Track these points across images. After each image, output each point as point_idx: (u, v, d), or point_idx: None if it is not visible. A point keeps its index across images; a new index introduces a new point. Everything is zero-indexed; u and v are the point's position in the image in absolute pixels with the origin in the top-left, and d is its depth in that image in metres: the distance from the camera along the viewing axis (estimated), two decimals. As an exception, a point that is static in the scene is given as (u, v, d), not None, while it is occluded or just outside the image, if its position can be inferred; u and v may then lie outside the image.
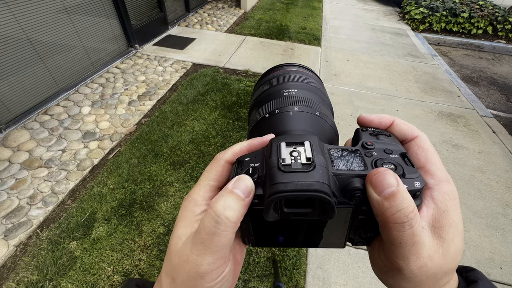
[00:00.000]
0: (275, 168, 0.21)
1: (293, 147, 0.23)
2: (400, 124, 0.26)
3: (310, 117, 0.30)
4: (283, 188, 0.19)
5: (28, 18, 2.17)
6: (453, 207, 0.21)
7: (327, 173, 0.20)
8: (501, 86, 3.87)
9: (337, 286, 1.47)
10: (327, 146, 0.24)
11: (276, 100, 0.33)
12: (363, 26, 5.49)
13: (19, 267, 1.45)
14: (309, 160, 0.21)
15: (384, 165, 0.21)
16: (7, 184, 1.78)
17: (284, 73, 0.38)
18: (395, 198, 0.19)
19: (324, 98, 0.36)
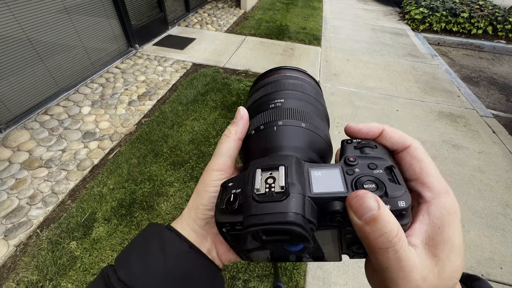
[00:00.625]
0: (250, 198, 0.21)
1: (269, 173, 0.23)
2: (390, 132, 0.25)
3: (295, 131, 0.29)
4: (256, 221, 0.19)
5: (28, 18, 2.17)
6: (450, 222, 0.20)
7: (302, 200, 0.20)
8: (501, 86, 3.87)
9: (337, 286, 1.47)
10: (308, 165, 0.24)
11: (261, 114, 0.32)
12: (363, 26, 5.49)
13: (19, 267, 1.45)
14: (282, 188, 0.21)
15: (365, 185, 0.20)
16: (7, 184, 1.78)
17: (275, 80, 0.37)
18: (376, 222, 0.18)
19: (318, 105, 0.35)
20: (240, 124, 0.30)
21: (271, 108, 0.32)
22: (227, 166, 0.29)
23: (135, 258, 0.25)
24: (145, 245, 0.27)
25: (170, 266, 0.25)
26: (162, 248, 0.26)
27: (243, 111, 0.31)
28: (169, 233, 0.27)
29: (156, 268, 0.24)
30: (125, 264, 0.25)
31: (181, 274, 0.25)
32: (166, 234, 0.27)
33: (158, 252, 0.25)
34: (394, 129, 0.25)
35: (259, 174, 0.23)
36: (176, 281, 0.25)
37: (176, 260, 0.25)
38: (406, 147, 0.24)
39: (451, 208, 0.21)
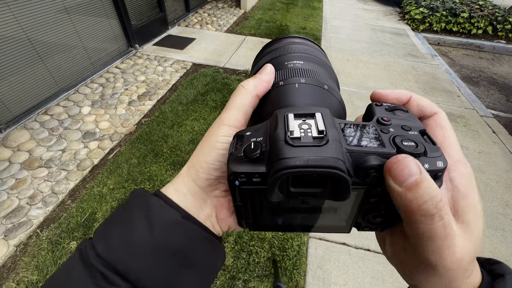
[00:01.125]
0: (282, 142, 0.18)
1: (302, 119, 0.20)
2: (418, 100, 0.24)
3: (318, 90, 0.27)
4: (292, 163, 0.17)
5: (28, 18, 2.17)
6: (472, 189, 0.20)
7: (341, 148, 0.18)
8: (501, 86, 3.87)
9: (337, 286, 1.47)
10: (338, 121, 0.22)
11: (279, 72, 0.29)
12: (363, 26, 5.49)
13: (19, 267, 1.45)
14: (321, 133, 0.19)
15: (404, 142, 0.19)
16: (7, 184, 1.78)
17: (287, 44, 0.34)
18: (419, 188, 0.17)
19: (331, 71, 0.33)
20: (263, 80, 0.27)
21: (289, 68, 0.29)
22: (240, 123, 0.25)
23: (116, 230, 0.22)
24: (127, 216, 0.23)
25: (158, 239, 0.21)
26: (149, 219, 0.22)
27: (270, 68, 0.28)
28: (157, 200, 0.24)
29: (141, 241, 0.21)
30: (104, 237, 0.22)
31: (171, 248, 0.22)
32: (152, 201, 0.23)
33: (142, 223, 0.22)
34: (422, 97, 0.25)
35: (292, 118, 0.20)
36: (166, 256, 0.22)
37: (165, 232, 0.22)
38: (432, 114, 0.24)
39: (469, 177, 0.21)
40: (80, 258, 0.21)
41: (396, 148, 0.19)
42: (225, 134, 0.24)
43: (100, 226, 0.23)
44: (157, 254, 0.21)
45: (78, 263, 0.21)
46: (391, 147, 0.19)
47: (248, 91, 0.26)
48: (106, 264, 0.20)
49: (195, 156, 0.25)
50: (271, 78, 0.27)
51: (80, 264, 0.21)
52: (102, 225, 0.23)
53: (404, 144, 0.19)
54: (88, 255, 0.21)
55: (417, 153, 0.18)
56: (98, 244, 0.21)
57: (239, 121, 0.25)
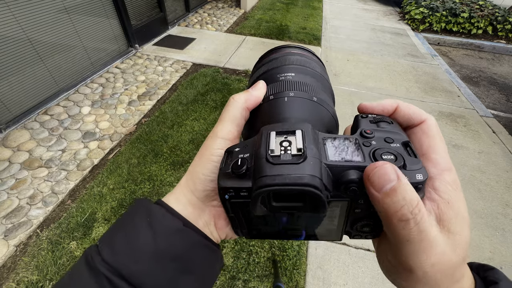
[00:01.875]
0: (263, 159, 0.20)
1: (284, 137, 0.21)
2: (405, 109, 0.24)
3: (306, 103, 0.28)
4: (270, 182, 0.18)
5: (28, 18, 2.17)
6: (457, 197, 0.20)
7: (319, 164, 0.19)
8: (501, 86, 3.87)
9: (337, 286, 1.47)
10: (322, 135, 0.23)
11: (271, 85, 0.30)
12: (363, 26, 5.49)
13: (19, 267, 1.45)
14: (299, 151, 0.20)
15: (384, 156, 0.20)
16: (7, 184, 1.78)
17: (283, 55, 0.35)
18: (396, 194, 0.17)
19: (325, 83, 0.34)
20: (253, 95, 0.28)
21: (281, 80, 0.30)
22: (233, 136, 0.27)
23: (121, 237, 0.23)
24: (131, 223, 0.24)
25: (161, 246, 0.23)
26: (151, 226, 0.23)
27: (262, 84, 0.29)
28: (159, 208, 0.25)
29: (144, 247, 0.22)
30: (109, 244, 0.23)
31: (173, 254, 0.23)
32: (155, 210, 0.25)
33: (146, 230, 0.23)
34: (408, 105, 0.24)
35: (274, 137, 0.21)
36: (168, 262, 0.23)
37: (167, 239, 0.23)
38: (420, 122, 0.24)
39: (455, 183, 0.21)
40: (86, 264, 0.22)
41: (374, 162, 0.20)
42: (219, 147, 0.26)
43: (105, 233, 0.24)
44: (159, 260, 0.22)
45: (84, 268, 0.22)
46: (370, 161, 0.20)
47: (238, 103, 0.27)
48: (112, 269, 0.21)
49: (192, 168, 0.27)
50: (261, 92, 0.28)
51: (86, 269, 0.22)
52: (107, 232, 0.24)
53: (383, 158, 0.20)
54: (94, 261, 0.22)
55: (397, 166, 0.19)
56: (104, 250, 0.22)
57: (232, 133, 0.27)
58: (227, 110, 0.27)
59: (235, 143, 0.27)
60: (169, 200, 0.26)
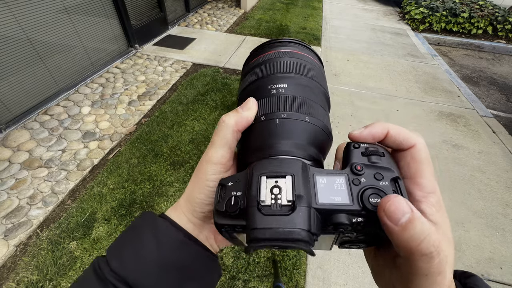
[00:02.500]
0: (255, 208, 0.21)
1: (274, 181, 0.22)
2: (395, 134, 0.24)
3: (298, 125, 0.27)
4: (262, 236, 0.20)
5: (28, 18, 2.17)
6: (442, 218, 0.21)
7: (308, 213, 0.20)
8: (501, 86, 3.87)
9: (337, 286, 1.47)
10: (314, 171, 0.23)
11: (262, 101, 0.29)
12: (363, 26, 5.49)
13: (19, 267, 1.45)
14: (289, 201, 0.21)
15: (371, 199, 0.21)
16: (7, 184, 1.78)
17: (274, 58, 0.33)
18: (414, 226, 0.18)
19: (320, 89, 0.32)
20: (244, 117, 0.27)
21: (272, 95, 0.29)
22: (226, 159, 0.27)
23: (128, 247, 0.25)
24: (137, 235, 0.26)
25: (165, 256, 0.24)
26: (156, 237, 0.25)
27: (253, 104, 0.28)
28: (163, 221, 0.27)
29: (150, 257, 0.24)
30: (117, 254, 0.24)
31: (176, 264, 0.25)
32: (159, 222, 0.26)
33: (151, 241, 0.25)
34: (399, 130, 0.24)
35: (264, 182, 0.22)
36: (172, 271, 0.24)
37: (171, 249, 0.25)
38: (409, 147, 0.24)
39: (439, 205, 0.22)
40: (94, 273, 0.23)
41: (362, 206, 0.21)
42: (213, 172, 0.27)
43: (112, 244, 0.26)
44: (164, 269, 0.24)
45: (92, 277, 0.23)
46: (357, 204, 0.21)
47: (229, 127, 0.27)
48: (120, 278, 0.23)
49: (189, 191, 0.28)
50: (252, 113, 0.28)
51: (94, 278, 0.23)
52: (115, 243, 0.26)
53: (370, 201, 0.21)
54: (103, 271, 0.23)
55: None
56: (112, 261, 0.24)
57: (225, 157, 0.27)
58: (218, 134, 0.27)
59: (229, 164, 0.28)
60: (171, 216, 0.28)
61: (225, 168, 0.28)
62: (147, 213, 0.28)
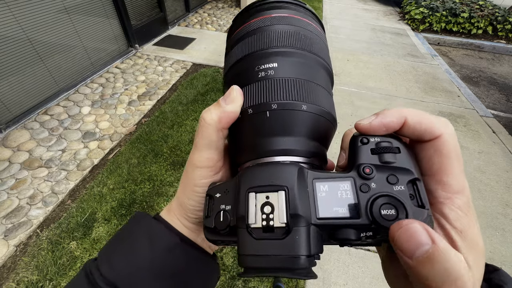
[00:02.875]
0: (244, 231, 0.18)
1: (265, 196, 0.19)
2: (415, 124, 0.19)
3: (294, 117, 0.23)
4: (253, 265, 0.18)
5: (28, 18, 2.17)
6: (470, 223, 0.18)
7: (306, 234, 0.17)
8: (501, 86, 3.87)
9: (337, 286, 1.47)
10: (313, 176, 0.19)
11: (248, 87, 0.24)
12: (363, 26, 5.49)
13: (19, 267, 1.45)
14: (283, 223, 0.18)
15: (383, 211, 0.17)
16: (7, 184, 1.78)
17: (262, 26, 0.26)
18: (435, 263, 0.14)
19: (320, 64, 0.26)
20: (227, 111, 0.23)
21: (260, 79, 0.24)
22: (214, 162, 0.24)
23: (120, 252, 0.24)
24: (131, 238, 0.24)
25: (159, 260, 0.23)
26: (150, 241, 0.24)
27: (237, 94, 0.23)
28: (158, 224, 0.25)
29: (143, 262, 0.22)
30: (109, 259, 0.23)
31: (171, 269, 0.23)
32: (154, 225, 0.25)
33: (145, 245, 0.23)
34: (420, 117, 0.19)
35: (253, 200, 0.19)
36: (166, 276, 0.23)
37: (165, 253, 0.23)
38: (432, 139, 0.19)
39: (467, 207, 0.18)
40: (85, 277, 0.23)
41: (372, 219, 0.17)
42: (200, 177, 0.24)
43: (104, 247, 0.25)
44: (158, 274, 0.23)
45: (84, 282, 0.23)
46: (366, 218, 0.17)
47: (212, 127, 0.23)
48: (110, 284, 0.22)
49: (180, 195, 0.26)
50: (237, 105, 0.23)
51: (85, 283, 0.22)
52: (106, 246, 0.25)
53: (382, 213, 0.17)
54: (94, 276, 0.22)
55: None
56: (103, 266, 0.23)
57: (212, 160, 0.24)
58: (201, 135, 0.24)
59: (218, 167, 0.25)
60: (165, 219, 0.27)
61: (214, 170, 0.25)
62: (140, 214, 0.27)
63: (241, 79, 0.25)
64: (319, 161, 0.24)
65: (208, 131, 0.23)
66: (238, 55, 0.27)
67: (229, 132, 0.25)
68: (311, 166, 0.23)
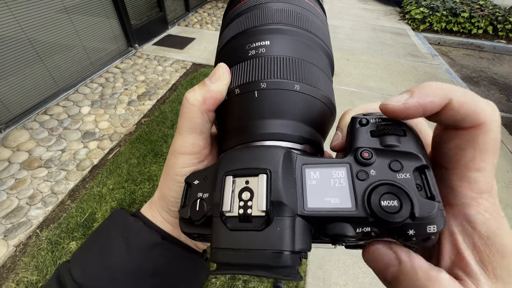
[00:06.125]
0: (218, 219, 0.16)
1: (244, 181, 0.17)
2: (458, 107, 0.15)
3: (285, 96, 0.20)
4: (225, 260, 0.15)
5: (28, 18, 2.17)
6: (498, 227, 0.15)
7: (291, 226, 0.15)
8: (502, 86, 3.87)
9: (337, 286, 1.47)
10: (302, 162, 0.17)
11: (236, 67, 0.22)
12: (363, 26, 5.48)
13: (18, 267, 1.45)
14: (262, 211, 0.15)
15: (383, 201, 0.14)
16: (6, 184, 1.78)
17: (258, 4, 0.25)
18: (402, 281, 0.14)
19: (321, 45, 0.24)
20: (212, 90, 0.21)
21: (250, 57, 0.22)
22: (199, 148, 0.22)
23: (94, 254, 0.22)
24: (106, 238, 0.22)
25: (138, 261, 0.21)
26: (127, 240, 0.21)
27: (223, 72, 0.21)
28: (135, 221, 0.23)
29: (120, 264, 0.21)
30: (82, 262, 0.21)
31: (152, 270, 0.22)
32: (131, 223, 0.23)
33: (121, 246, 0.21)
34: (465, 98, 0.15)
35: (230, 184, 0.17)
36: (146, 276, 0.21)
37: (144, 253, 0.21)
38: (472, 126, 0.15)
39: (494, 209, 0.16)
40: (57, 282, 0.21)
41: (370, 212, 0.15)
42: (183, 165, 0.22)
43: (78, 249, 0.22)
44: (137, 275, 0.21)
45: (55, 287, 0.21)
46: (363, 210, 0.15)
47: (195, 107, 0.21)
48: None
49: (161, 187, 0.24)
50: (224, 84, 0.21)
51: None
52: (80, 249, 0.23)
53: (382, 204, 0.14)
54: (65, 280, 0.20)
55: (397, 221, 0.14)
56: (75, 270, 0.21)
57: (197, 145, 0.22)
58: (184, 117, 0.22)
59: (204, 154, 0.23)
60: (147, 214, 0.25)
61: (198, 158, 0.22)
62: (117, 212, 0.25)
63: (230, 59, 0.23)
64: (313, 150, 0.21)
65: (191, 113, 0.21)
66: (230, 34, 0.25)
67: (216, 116, 0.23)
68: (303, 153, 0.20)
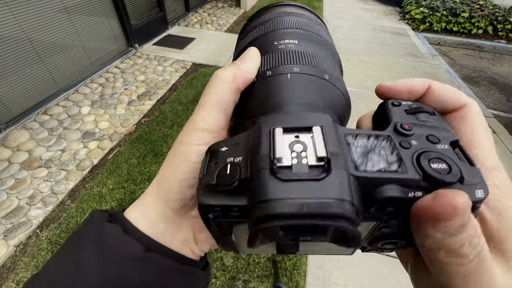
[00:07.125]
0: (267, 171, 0.14)
1: (294, 136, 0.15)
2: (440, 90, 0.18)
3: (316, 82, 0.20)
4: (279, 211, 0.12)
5: (28, 18, 2.16)
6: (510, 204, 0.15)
7: (348, 180, 0.13)
8: (502, 86, 3.87)
9: (337, 286, 1.47)
10: (343, 130, 0.16)
11: (267, 55, 0.22)
12: (363, 26, 5.48)
13: (18, 267, 1.45)
14: (321, 160, 0.14)
15: (433, 164, 0.14)
16: (6, 184, 1.78)
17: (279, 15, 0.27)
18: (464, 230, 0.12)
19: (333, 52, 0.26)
20: (243, 69, 0.20)
21: (280, 50, 0.22)
22: (220, 127, 0.20)
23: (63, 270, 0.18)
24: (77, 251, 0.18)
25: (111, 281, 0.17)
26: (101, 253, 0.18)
27: (254, 53, 0.21)
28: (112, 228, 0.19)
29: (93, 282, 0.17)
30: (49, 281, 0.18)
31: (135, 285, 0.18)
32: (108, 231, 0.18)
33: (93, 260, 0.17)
34: (445, 85, 0.18)
35: (281, 135, 0.15)
36: None
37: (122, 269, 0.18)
38: (457, 108, 0.18)
39: (505, 185, 0.16)
40: None
41: (422, 174, 0.14)
42: (200, 142, 0.19)
43: (46, 263, 0.19)
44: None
45: None
46: (414, 172, 0.14)
47: (225, 83, 0.20)
48: None
49: (163, 171, 0.20)
50: (254, 65, 0.21)
51: None
52: (50, 261, 0.19)
53: (432, 166, 0.14)
54: None
55: (451, 181, 0.14)
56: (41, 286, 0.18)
57: (219, 124, 0.19)
58: (211, 92, 0.20)
59: (221, 136, 0.20)
60: (132, 214, 0.20)
61: (217, 138, 0.19)
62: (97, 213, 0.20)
63: (261, 49, 0.23)
64: None
65: (220, 89, 0.20)
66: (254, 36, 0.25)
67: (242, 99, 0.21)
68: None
